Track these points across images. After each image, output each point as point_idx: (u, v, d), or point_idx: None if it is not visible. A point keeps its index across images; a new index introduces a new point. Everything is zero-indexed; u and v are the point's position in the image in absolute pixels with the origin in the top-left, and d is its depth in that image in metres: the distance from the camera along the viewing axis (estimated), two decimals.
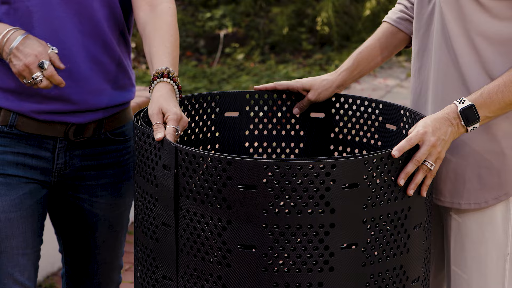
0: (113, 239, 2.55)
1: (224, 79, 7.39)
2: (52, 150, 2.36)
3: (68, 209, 2.48)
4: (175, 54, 2.29)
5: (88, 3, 2.32)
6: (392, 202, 2.04)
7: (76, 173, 2.42)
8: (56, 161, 2.37)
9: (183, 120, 2.13)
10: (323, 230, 1.99)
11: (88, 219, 2.48)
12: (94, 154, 2.43)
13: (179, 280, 2.08)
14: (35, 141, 2.34)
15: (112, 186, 2.47)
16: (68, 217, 2.50)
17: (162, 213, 2.10)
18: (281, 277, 2.00)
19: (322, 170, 1.96)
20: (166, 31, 2.31)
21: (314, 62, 7.91)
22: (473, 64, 2.20)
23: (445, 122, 2.11)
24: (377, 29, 2.52)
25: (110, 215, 2.50)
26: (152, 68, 2.25)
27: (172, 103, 2.15)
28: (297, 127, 2.53)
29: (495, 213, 2.25)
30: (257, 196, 1.97)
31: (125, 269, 4.11)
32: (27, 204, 2.34)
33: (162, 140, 2.06)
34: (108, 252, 2.55)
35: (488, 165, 2.23)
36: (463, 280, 2.29)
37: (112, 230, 2.53)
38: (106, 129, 2.43)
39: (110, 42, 2.37)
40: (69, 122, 2.35)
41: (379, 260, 2.05)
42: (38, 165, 2.35)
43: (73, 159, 2.40)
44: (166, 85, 2.19)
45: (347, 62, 2.48)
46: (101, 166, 2.44)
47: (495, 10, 2.17)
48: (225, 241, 2.00)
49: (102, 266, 2.55)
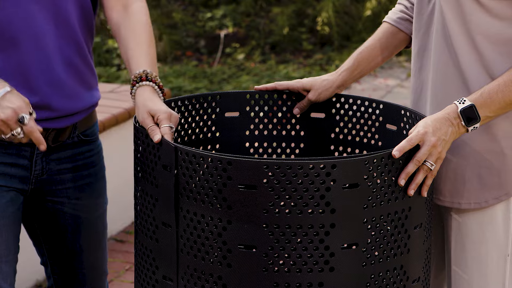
0: (98, 242, 2.54)
1: (225, 79, 7.38)
2: (30, 157, 2.35)
3: (49, 215, 2.46)
4: (152, 54, 2.29)
5: (63, 6, 2.29)
6: (392, 202, 2.04)
7: (52, 178, 2.41)
8: (34, 168, 2.36)
9: (174, 116, 2.13)
10: (323, 230, 1.99)
11: (71, 222, 2.47)
12: (69, 157, 2.43)
13: (179, 280, 2.08)
14: (14, 150, 2.32)
15: (88, 186, 2.47)
16: (50, 225, 2.48)
17: (162, 213, 2.09)
18: (282, 277, 2.00)
19: (323, 170, 1.96)
20: (142, 31, 2.31)
21: (314, 62, 7.90)
22: (474, 64, 2.20)
23: (446, 122, 2.11)
24: (377, 29, 2.52)
25: (92, 216, 2.50)
26: (131, 72, 2.25)
27: (158, 103, 2.15)
28: (297, 127, 2.53)
29: (496, 213, 2.25)
30: (258, 196, 1.97)
31: (125, 269, 4.11)
32: (9, 212, 2.33)
33: (161, 141, 2.06)
34: (94, 255, 2.54)
35: (488, 165, 2.23)
36: (463, 280, 2.29)
37: (95, 231, 2.52)
38: (79, 131, 2.43)
39: (81, 43, 2.36)
40: (49, 128, 2.34)
41: (380, 260, 2.05)
42: (17, 174, 2.34)
43: (50, 164, 2.39)
44: (147, 88, 2.19)
45: (348, 62, 2.48)
46: (76, 168, 2.44)
47: (495, 10, 2.16)
48: (226, 241, 2.00)
49: (91, 272, 2.54)
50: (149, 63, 2.25)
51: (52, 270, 2.55)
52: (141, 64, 2.24)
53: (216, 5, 9.02)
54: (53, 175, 2.41)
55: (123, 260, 4.19)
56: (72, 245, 2.49)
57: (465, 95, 2.20)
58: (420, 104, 2.35)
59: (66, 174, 2.43)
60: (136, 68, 2.23)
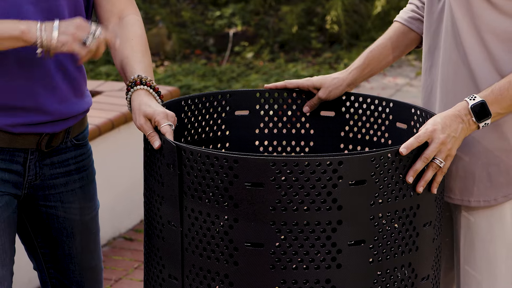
0: (93, 242, 2.55)
1: (234, 78, 7.38)
2: (23, 163, 2.34)
3: (43, 220, 2.46)
4: (146, 62, 2.29)
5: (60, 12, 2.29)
6: (400, 199, 2.04)
7: (45, 183, 2.41)
8: (28, 173, 2.36)
9: (170, 115, 2.14)
10: (330, 227, 1.98)
11: (66, 226, 2.47)
12: (62, 161, 2.43)
13: (184, 279, 2.08)
14: (7, 155, 2.32)
15: (81, 190, 2.48)
16: (45, 229, 2.48)
17: (168, 212, 2.09)
18: (289, 274, 1.99)
19: (329, 167, 1.96)
20: (136, 42, 2.32)
21: (323, 61, 7.89)
22: (483, 62, 2.20)
23: (456, 119, 2.11)
24: (388, 28, 2.51)
25: (85, 218, 2.50)
26: (125, 79, 2.26)
27: (153, 104, 2.16)
28: (307, 126, 2.52)
29: (505, 211, 2.25)
30: (264, 194, 1.97)
31: (134, 267, 4.12)
32: (5, 216, 2.33)
33: (163, 141, 2.06)
34: (90, 256, 2.54)
35: (498, 162, 2.22)
36: (473, 278, 2.29)
37: (91, 232, 2.53)
38: (71, 136, 2.44)
39: None
40: (42, 133, 2.34)
41: (387, 257, 2.04)
42: (10, 179, 2.34)
43: (43, 169, 2.39)
44: (141, 92, 2.20)
45: (358, 60, 2.47)
46: (68, 172, 2.44)
47: (505, 8, 2.16)
48: (232, 239, 2.00)
49: (89, 272, 2.55)
50: (143, 69, 2.26)
51: (49, 274, 2.55)
52: (135, 70, 2.25)
53: (225, 3, 9.02)
54: (46, 180, 2.41)
55: (132, 259, 4.19)
56: (68, 247, 2.50)
57: (474, 92, 2.19)
58: (430, 102, 2.35)
59: (59, 178, 2.43)
60: (130, 75, 2.24)
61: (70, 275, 2.53)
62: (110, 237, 4.37)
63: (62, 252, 2.50)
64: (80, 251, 2.51)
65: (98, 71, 7.42)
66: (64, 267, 2.52)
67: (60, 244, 2.49)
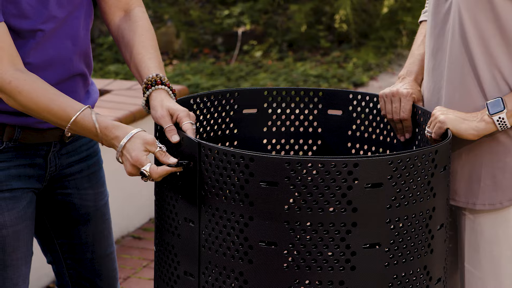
0: (108, 228, 2.58)
1: (242, 77, 7.38)
2: (45, 155, 2.38)
3: (59, 209, 2.49)
4: (159, 59, 2.32)
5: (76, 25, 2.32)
6: (417, 202, 2.03)
7: (62, 172, 2.45)
8: (49, 165, 2.39)
9: (192, 116, 2.17)
10: (345, 228, 1.98)
11: (81, 212, 2.50)
12: (75, 149, 2.47)
13: (200, 276, 2.08)
14: (31, 149, 2.36)
15: (94, 175, 2.52)
16: (61, 218, 2.50)
17: (184, 208, 2.09)
18: (302, 275, 1.99)
19: (344, 168, 1.95)
20: (146, 36, 2.34)
21: (332, 60, 7.88)
22: (489, 66, 2.20)
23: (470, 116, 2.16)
24: (417, 32, 2.52)
25: (100, 204, 2.53)
26: (141, 76, 2.27)
27: (176, 104, 2.19)
28: (315, 124, 2.52)
29: (509, 214, 2.25)
30: (279, 193, 1.97)
31: (143, 265, 4.12)
32: (29, 213, 2.37)
33: (183, 138, 2.06)
34: (106, 242, 2.58)
35: (503, 166, 2.22)
36: (477, 279, 2.28)
37: (105, 219, 2.56)
38: None
39: (89, 52, 2.41)
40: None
41: (403, 260, 2.03)
42: (34, 173, 2.37)
43: (61, 159, 2.43)
44: (162, 91, 2.23)
45: (414, 65, 2.45)
46: (81, 159, 2.48)
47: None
48: (247, 237, 2.00)
49: (105, 259, 2.58)
50: (158, 67, 2.29)
51: (66, 265, 2.57)
52: (152, 68, 2.28)
53: (234, 2, 9.02)
54: (63, 169, 2.45)
55: (140, 257, 4.19)
56: (85, 235, 2.53)
57: (479, 95, 2.20)
58: (432, 102, 2.34)
59: (74, 166, 2.47)
60: (147, 72, 2.27)
61: (87, 264, 2.55)
62: (119, 236, 4.37)
63: (79, 241, 2.53)
64: (96, 238, 2.54)
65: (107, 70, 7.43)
66: (81, 257, 2.55)
67: (77, 232, 2.52)
